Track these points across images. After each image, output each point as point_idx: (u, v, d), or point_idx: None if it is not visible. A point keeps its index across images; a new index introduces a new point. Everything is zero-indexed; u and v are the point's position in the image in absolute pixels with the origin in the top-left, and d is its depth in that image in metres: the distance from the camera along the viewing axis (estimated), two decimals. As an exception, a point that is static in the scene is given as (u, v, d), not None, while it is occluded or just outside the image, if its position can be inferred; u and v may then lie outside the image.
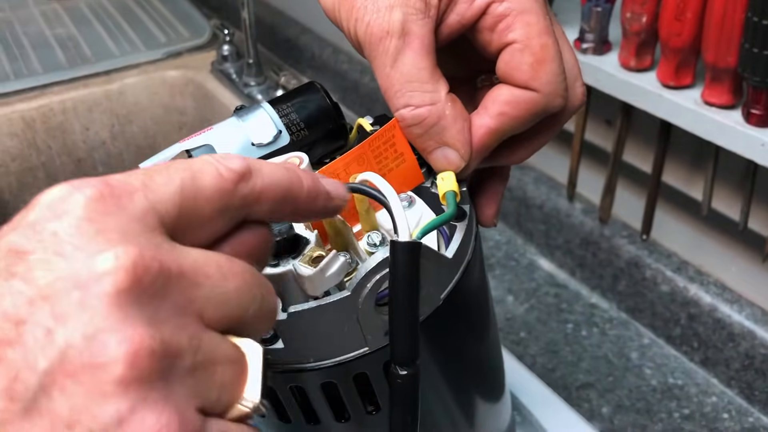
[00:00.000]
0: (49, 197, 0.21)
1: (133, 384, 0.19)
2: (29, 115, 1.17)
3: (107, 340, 0.19)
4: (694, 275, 0.71)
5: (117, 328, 0.19)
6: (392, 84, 0.33)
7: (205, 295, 0.21)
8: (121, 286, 0.19)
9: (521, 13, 0.33)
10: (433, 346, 0.35)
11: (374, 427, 0.36)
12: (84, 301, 0.19)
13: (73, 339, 0.19)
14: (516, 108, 0.34)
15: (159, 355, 0.20)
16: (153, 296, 0.20)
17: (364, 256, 0.34)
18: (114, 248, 0.20)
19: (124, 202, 0.21)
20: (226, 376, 0.22)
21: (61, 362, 0.19)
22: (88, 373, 0.19)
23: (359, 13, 0.33)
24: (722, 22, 0.55)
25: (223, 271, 0.22)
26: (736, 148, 0.58)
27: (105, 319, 0.19)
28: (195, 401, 0.21)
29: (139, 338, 0.19)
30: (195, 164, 0.23)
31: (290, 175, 0.26)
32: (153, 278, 0.20)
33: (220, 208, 0.23)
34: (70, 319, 0.19)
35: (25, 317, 0.19)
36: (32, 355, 0.19)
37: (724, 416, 0.67)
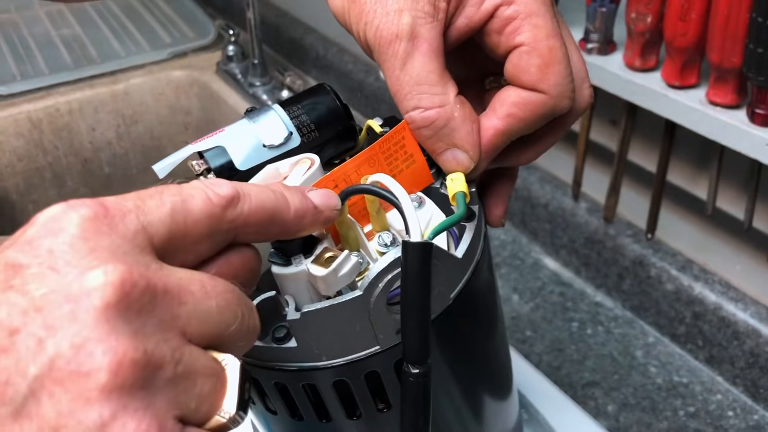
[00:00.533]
0: (46, 216, 0.23)
1: (116, 392, 0.20)
2: (36, 116, 1.18)
3: (93, 350, 0.20)
4: (699, 274, 0.72)
5: (103, 339, 0.20)
6: (402, 87, 0.33)
7: (188, 312, 0.23)
8: (109, 300, 0.21)
9: (529, 15, 0.33)
10: (443, 345, 0.36)
11: (385, 424, 0.36)
12: (74, 314, 0.20)
13: (61, 348, 0.20)
14: (524, 110, 0.34)
15: (141, 366, 0.21)
16: (139, 311, 0.21)
17: (375, 256, 0.35)
18: (104, 265, 0.21)
19: (116, 223, 0.23)
20: (206, 388, 0.23)
21: (50, 369, 0.20)
22: (75, 380, 0.20)
23: (368, 16, 0.33)
24: (727, 23, 0.55)
25: (207, 289, 0.24)
26: (740, 148, 0.58)
27: (92, 331, 0.20)
28: (174, 410, 0.22)
29: (123, 349, 0.20)
30: (186, 189, 0.25)
31: (277, 198, 0.27)
32: (139, 294, 0.21)
33: (208, 232, 0.25)
34: (60, 330, 0.20)
35: (18, 327, 0.20)
36: (23, 362, 0.20)
37: (729, 414, 0.68)
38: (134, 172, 1.26)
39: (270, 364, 0.33)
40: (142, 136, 1.25)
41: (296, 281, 0.32)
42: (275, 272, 0.32)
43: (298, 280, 0.32)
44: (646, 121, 0.69)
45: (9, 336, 0.20)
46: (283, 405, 0.36)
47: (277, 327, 0.32)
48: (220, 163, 0.36)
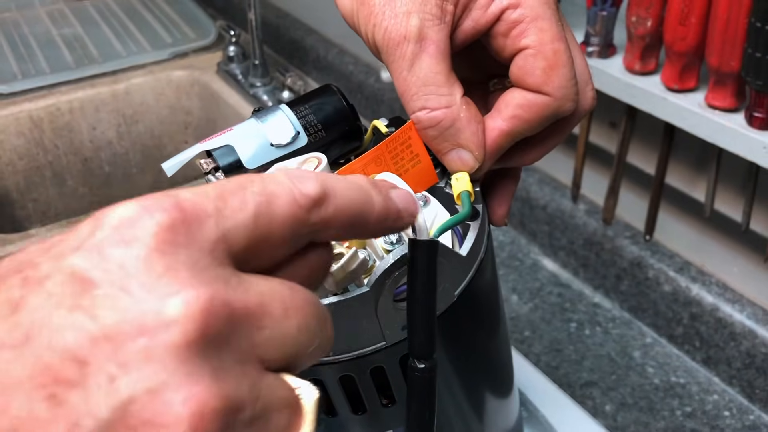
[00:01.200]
0: (118, 218, 0.20)
1: None
2: (36, 115, 1.18)
3: (172, 398, 0.18)
4: (697, 275, 0.72)
5: (182, 384, 0.18)
6: (409, 87, 0.34)
7: (266, 338, 0.21)
8: (190, 336, 0.19)
9: (534, 19, 0.34)
10: (447, 342, 0.36)
11: (389, 419, 0.37)
12: (149, 351, 0.18)
13: (136, 392, 0.18)
14: (528, 111, 0.35)
15: (222, 415, 0.19)
16: (219, 345, 0.20)
17: (381, 254, 0.35)
18: (184, 291, 0.19)
19: (194, 231, 0.20)
20: (281, 422, 0.21)
21: (122, 415, 0.18)
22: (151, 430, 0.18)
23: (377, 18, 0.34)
24: (726, 27, 0.56)
25: (286, 306, 0.22)
26: (738, 151, 0.59)
27: (170, 374, 0.18)
28: None
29: (204, 398, 0.19)
30: (269, 186, 0.22)
31: (364, 198, 0.25)
32: (221, 326, 0.19)
33: (290, 235, 0.23)
34: (133, 369, 0.18)
35: (88, 358, 0.18)
36: (94, 402, 0.18)
37: (725, 414, 0.68)
38: (134, 171, 1.26)
39: (278, 359, 0.33)
40: (143, 135, 1.26)
41: (304, 278, 0.32)
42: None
43: (307, 277, 0.32)
44: (646, 124, 0.70)
45: (79, 369, 0.18)
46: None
47: (285, 322, 0.33)
48: (228, 162, 0.37)
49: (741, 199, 0.65)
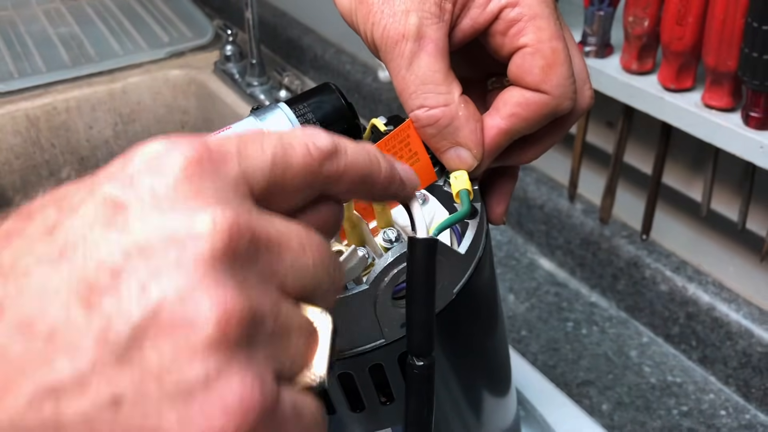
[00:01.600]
0: (147, 152, 0.22)
1: (222, 346, 0.19)
2: (33, 114, 1.18)
3: (200, 301, 0.19)
4: (693, 275, 0.73)
5: (210, 290, 0.19)
6: (407, 86, 0.34)
7: (286, 266, 0.22)
8: (218, 248, 0.20)
9: (533, 18, 0.34)
10: (445, 340, 0.37)
11: (387, 417, 0.37)
12: (180, 260, 0.20)
13: (167, 295, 0.19)
14: (527, 109, 0.35)
15: (246, 320, 0.20)
16: (244, 262, 0.21)
17: (380, 252, 0.36)
18: (212, 209, 0.20)
19: (219, 167, 0.22)
20: (300, 345, 0.22)
21: (154, 316, 0.19)
22: (180, 331, 0.19)
23: (376, 17, 0.34)
24: (723, 27, 0.56)
25: (303, 243, 0.23)
26: (735, 150, 0.59)
27: (199, 280, 0.19)
28: (272, 367, 0.21)
29: (230, 302, 0.20)
30: (286, 138, 0.24)
31: (371, 159, 0.27)
32: (246, 244, 0.21)
33: (304, 184, 0.24)
34: (165, 276, 0.19)
35: (121, 268, 0.19)
36: (126, 306, 0.19)
37: (721, 413, 0.69)
38: (131, 170, 1.26)
39: (276, 357, 0.33)
40: (140, 134, 1.26)
41: (303, 275, 0.33)
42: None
43: (305, 274, 0.32)
44: (642, 124, 0.70)
45: (111, 277, 0.19)
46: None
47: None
48: (228, 160, 0.37)
49: (737, 199, 0.65)
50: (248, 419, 0.19)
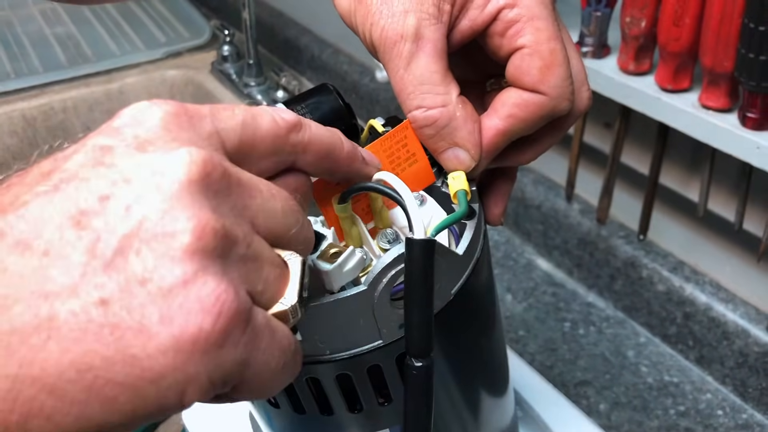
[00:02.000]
0: (132, 109, 0.24)
1: (198, 253, 0.22)
2: (30, 114, 1.18)
3: (178, 216, 0.22)
4: (690, 275, 0.73)
5: (187, 207, 0.22)
6: (405, 86, 0.34)
7: (257, 206, 0.24)
8: (193, 176, 0.22)
9: (531, 19, 0.34)
10: (443, 341, 0.37)
11: (385, 418, 0.37)
12: (160, 185, 0.22)
13: (149, 212, 0.22)
14: (525, 110, 0.35)
15: (220, 235, 0.22)
16: (217, 192, 0.23)
17: (378, 253, 0.35)
18: (189, 147, 0.23)
19: (194, 121, 0.25)
20: (271, 274, 0.24)
21: (137, 230, 0.21)
22: (160, 240, 0.21)
23: (374, 17, 0.34)
24: (719, 28, 0.56)
25: (273, 192, 0.25)
26: (732, 151, 0.59)
27: (177, 200, 0.22)
28: (245, 285, 0.23)
29: (205, 218, 0.22)
30: (254, 109, 0.27)
31: (333, 136, 0.29)
32: (219, 176, 0.23)
33: (272, 149, 0.27)
34: (147, 198, 0.22)
35: (108, 194, 0.22)
36: (113, 223, 0.22)
37: (718, 413, 0.69)
38: (128, 170, 1.26)
39: (275, 358, 0.33)
40: (137, 135, 1.26)
41: (301, 276, 0.32)
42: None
43: (304, 276, 0.32)
44: (640, 124, 0.70)
45: (99, 201, 0.22)
46: (286, 398, 0.36)
47: (283, 321, 0.33)
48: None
49: (734, 199, 0.66)
50: (224, 318, 0.22)
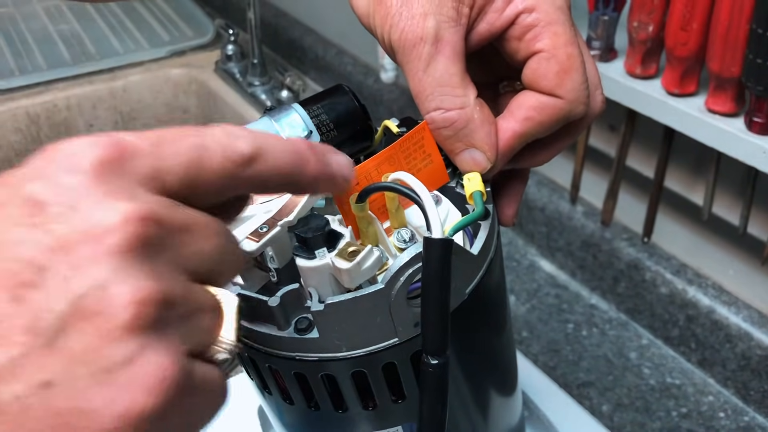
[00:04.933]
0: (63, 151, 0.23)
1: (138, 330, 0.21)
2: (33, 111, 1.18)
3: (117, 291, 0.21)
4: (693, 278, 0.73)
5: (125, 280, 0.22)
6: (424, 88, 0.35)
7: (191, 252, 0.24)
8: (129, 240, 0.22)
9: (549, 23, 0.34)
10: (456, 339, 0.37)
11: (398, 415, 0.37)
12: (96, 254, 0.22)
13: (86, 287, 0.21)
14: (541, 113, 0.35)
15: (160, 305, 0.22)
16: (153, 252, 0.23)
17: (394, 252, 0.36)
18: (122, 204, 0.22)
19: (129, 165, 0.23)
20: (207, 321, 0.24)
21: (76, 307, 0.21)
22: (100, 319, 0.21)
23: (394, 19, 0.34)
24: (727, 33, 0.57)
25: (207, 231, 0.25)
26: (737, 155, 0.60)
27: (115, 272, 0.22)
28: (185, 346, 0.23)
29: (143, 290, 0.22)
30: (205, 140, 0.25)
31: (296, 159, 0.27)
32: (154, 233, 0.23)
33: (220, 188, 0.26)
34: (83, 270, 0.21)
35: (46, 264, 0.21)
36: (52, 298, 0.21)
37: (720, 415, 0.69)
38: (131, 168, 1.26)
39: (292, 355, 0.34)
40: (140, 133, 1.26)
41: (320, 274, 0.33)
42: (300, 265, 0.33)
43: (322, 273, 0.33)
44: (645, 128, 0.71)
45: (37, 273, 0.21)
46: (301, 395, 0.37)
47: (300, 318, 0.33)
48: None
49: (739, 203, 0.66)
50: (166, 394, 0.22)
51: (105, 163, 0.23)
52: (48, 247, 0.21)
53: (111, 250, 0.22)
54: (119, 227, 0.22)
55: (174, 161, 0.24)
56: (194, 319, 0.24)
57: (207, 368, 0.24)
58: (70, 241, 0.22)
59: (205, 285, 0.25)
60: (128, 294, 0.21)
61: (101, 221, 0.22)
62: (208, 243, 0.25)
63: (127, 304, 0.21)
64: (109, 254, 0.22)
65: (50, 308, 0.21)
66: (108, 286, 0.21)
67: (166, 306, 0.22)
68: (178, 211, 0.24)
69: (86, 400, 0.21)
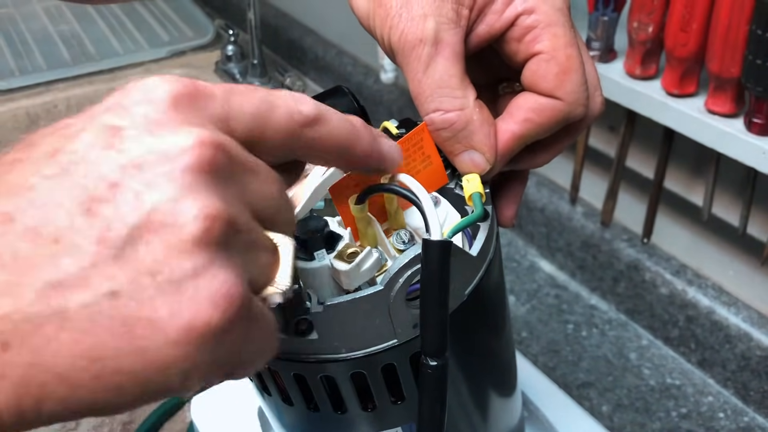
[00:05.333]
0: (141, 85, 0.24)
1: (206, 245, 0.22)
2: (33, 111, 1.18)
3: (188, 206, 0.22)
4: (693, 278, 0.73)
5: (196, 197, 0.22)
6: (424, 89, 0.35)
7: (255, 191, 0.25)
8: (201, 163, 0.22)
9: (548, 25, 0.34)
10: (455, 341, 0.37)
11: (397, 417, 0.37)
12: (169, 172, 0.22)
13: (159, 202, 0.22)
14: (540, 115, 0.35)
15: (227, 225, 0.22)
16: (223, 178, 0.23)
17: (393, 253, 0.36)
18: (196, 130, 0.23)
19: (203, 103, 0.24)
20: (266, 259, 0.25)
21: (147, 220, 0.21)
22: (170, 232, 0.22)
23: (394, 21, 0.34)
24: (727, 34, 0.57)
25: (269, 176, 0.26)
26: (737, 156, 0.60)
27: (186, 189, 0.22)
28: (246, 273, 0.23)
29: (213, 208, 0.22)
30: (273, 97, 0.26)
31: (352, 131, 0.29)
32: (225, 162, 0.23)
33: (282, 144, 0.26)
34: (157, 186, 0.22)
35: (118, 181, 0.22)
36: (123, 212, 0.21)
37: (720, 416, 0.69)
38: (131, 169, 1.26)
39: (291, 356, 0.34)
40: (140, 133, 1.26)
41: (319, 276, 0.33)
42: (299, 267, 0.33)
43: (321, 275, 0.33)
44: (645, 128, 0.71)
45: (109, 189, 0.22)
46: (301, 396, 0.37)
47: (299, 320, 0.33)
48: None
49: (738, 204, 0.66)
50: (230, 311, 0.22)
51: (180, 97, 0.24)
52: (122, 166, 0.22)
53: (183, 169, 0.22)
54: (193, 149, 0.22)
55: (243, 110, 0.25)
56: (255, 253, 0.24)
57: (262, 305, 0.25)
58: (144, 160, 0.22)
59: None
60: (198, 209, 0.22)
61: (175, 143, 0.23)
62: (270, 187, 0.25)
63: (196, 218, 0.22)
64: (182, 173, 0.22)
65: (121, 220, 0.21)
66: (179, 201, 0.22)
67: (232, 229, 0.23)
68: (246, 152, 0.25)
69: (152, 309, 0.21)
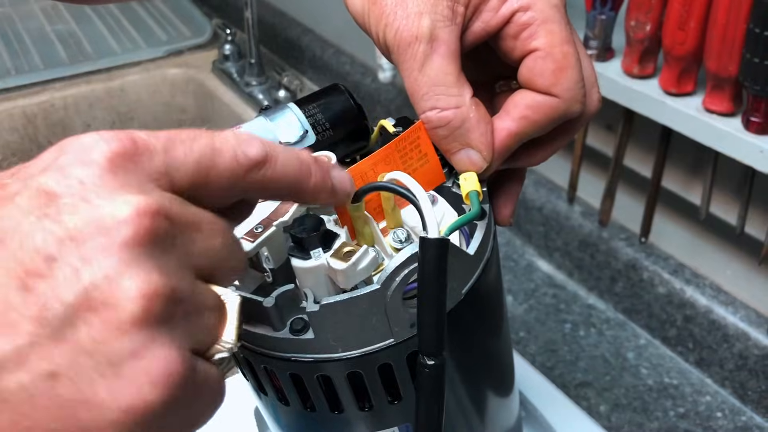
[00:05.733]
0: (77, 144, 0.23)
1: (145, 323, 0.21)
2: (30, 111, 1.18)
3: (126, 285, 0.21)
4: (691, 278, 0.73)
5: (134, 273, 0.22)
6: (420, 87, 0.34)
7: (198, 249, 0.24)
8: (140, 234, 0.22)
9: (544, 22, 0.34)
10: (452, 340, 0.37)
11: (394, 416, 0.37)
12: (106, 246, 0.22)
13: (96, 279, 0.21)
14: (537, 112, 0.35)
15: (167, 300, 0.22)
16: (163, 247, 0.23)
17: (390, 252, 0.36)
18: (134, 198, 0.22)
19: (143, 161, 0.24)
20: (211, 320, 0.24)
21: (85, 298, 0.21)
22: (108, 310, 0.21)
23: (389, 18, 0.34)
24: (724, 33, 0.56)
25: (214, 228, 0.25)
26: (735, 155, 0.59)
27: (125, 265, 0.21)
28: (189, 342, 0.23)
29: (153, 284, 0.22)
30: (216, 142, 0.25)
31: (300, 169, 0.28)
32: (164, 229, 0.23)
33: (227, 188, 0.26)
34: (94, 261, 0.21)
35: (55, 254, 0.21)
36: (61, 289, 0.21)
37: (717, 415, 0.69)
38: (128, 168, 1.26)
39: (287, 356, 0.34)
40: (137, 133, 1.26)
41: (315, 275, 0.33)
42: (295, 266, 0.33)
43: (317, 274, 0.33)
44: (643, 127, 0.70)
45: (45, 263, 0.21)
46: (297, 396, 0.36)
47: (295, 319, 0.33)
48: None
49: (736, 203, 0.66)
50: (172, 388, 0.22)
51: (117, 157, 0.23)
52: (58, 238, 0.21)
53: (121, 243, 0.22)
54: (130, 220, 0.22)
55: (186, 160, 0.24)
56: (198, 317, 0.24)
57: (207, 366, 0.24)
58: (80, 232, 0.22)
59: (208, 284, 0.25)
60: (137, 287, 0.21)
61: (112, 214, 0.22)
62: (215, 241, 0.25)
63: (135, 297, 0.21)
64: (120, 247, 0.22)
65: (58, 299, 0.21)
66: (117, 279, 0.21)
67: (173, 301, 0.22)
68: (188, 208, 0.24)
69: (92, 391, 0.21)
